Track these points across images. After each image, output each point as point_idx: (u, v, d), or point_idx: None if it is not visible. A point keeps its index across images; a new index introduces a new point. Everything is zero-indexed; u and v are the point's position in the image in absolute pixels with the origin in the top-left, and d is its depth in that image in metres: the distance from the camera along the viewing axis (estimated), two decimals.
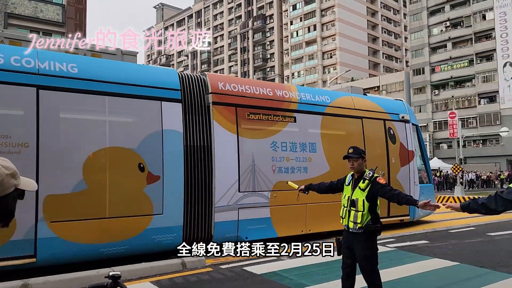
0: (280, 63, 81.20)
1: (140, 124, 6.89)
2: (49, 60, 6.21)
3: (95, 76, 6.52)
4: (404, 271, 5.97)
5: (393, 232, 9.40)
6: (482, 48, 51.74)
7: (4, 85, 5.75)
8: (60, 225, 5.98)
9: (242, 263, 6.45)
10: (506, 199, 2.93)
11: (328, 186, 4.78)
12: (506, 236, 9.08)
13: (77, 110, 6.45)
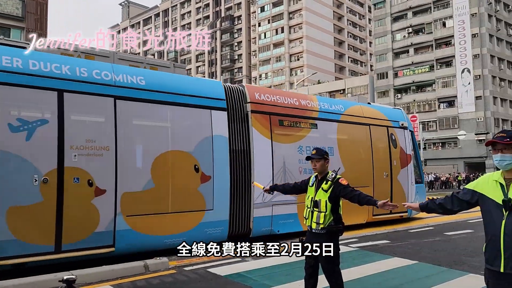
0: (248, 64, 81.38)
1: (195, 130, 7.81)
2: (123, 73, 7.07)
3: (159, 88, 7.41)
4: (366, 270, 6.10)
5: (356, 232, 9.60)
6: (442, 54, 53.77)
7: (89, 95, 6.58)
8: (134, 218, 6.81)
9: (206, 265, 6.41)
10: (461, 199, 3.04)
11: (292, 186, 4.82)
12: (462, 235, 9.45)
13: (146, 118, 7.34)
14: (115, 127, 6.75)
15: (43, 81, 6.21)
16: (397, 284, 5.46)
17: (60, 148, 6.23)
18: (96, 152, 6.54)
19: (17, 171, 5.92)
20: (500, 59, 52.83)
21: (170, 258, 6.64)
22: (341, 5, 79.14)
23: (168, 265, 6.25)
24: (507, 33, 54.56)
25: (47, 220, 6.05)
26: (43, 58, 6.41)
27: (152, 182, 7.06)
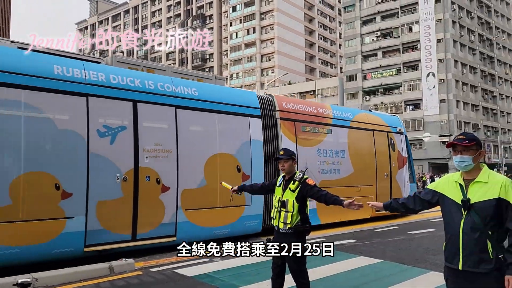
0: (219, 64, 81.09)
1: (236, 135, 8.88)
2: (180, 86, 8.13)
3: (208, 98, 8.46)
4: (332, 270, 6.18)
5: (323, 232, 9.73)
6: (408, 58, 55.28)
7: (156, 105, 7.59)
8: (191, 212, 7.82)
9: (173, 266, 6.34)
10: (422, 199, 3.12)
11: (260, 187, 4.83)
12: (425, 234, 9.74)
13: (199, 124, 8.41)
14: (176, 132, 7.82)
15: (121, 93, 7.24)
16: (361, 283, 5.57)
17: (136, 150, 7.27)
18: (162, 154, 7.61)
19: (104, 170, 6.87)
20: (463, 64, 54.83)
21: (136, 259, 6.54)
22: (312, 7, 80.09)
23: (134, 267, 6.15)
24: (470, 39, 56.69)
25: (126, 212, 7.03)
26: (120, 72, 7.47)
27: (205, 180, 8.15)
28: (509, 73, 65.78)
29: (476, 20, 58.56)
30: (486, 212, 2.68)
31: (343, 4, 63.91)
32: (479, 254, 2.69)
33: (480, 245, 2.69)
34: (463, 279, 2.77)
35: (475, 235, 2.70)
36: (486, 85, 59.55)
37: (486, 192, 2.73)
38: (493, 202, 2.68)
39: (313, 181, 4.31)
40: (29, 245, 5.98)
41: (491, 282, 2.66)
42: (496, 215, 2.68)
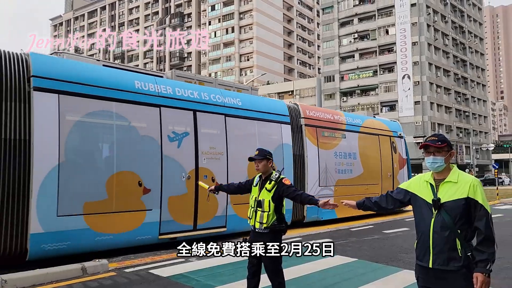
0: (197, 63, 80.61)
1: (271, 139, 10.17)
2: (228, 97, 9.38)
3: (249, 107, 9.74)
4: (307, 269, 6.23)
5: (300, 231, 9.80)
6: (385, 60, 56.25)
7: (210, 114, 8.83)
8: (237, 206, 8.87)
9: (148, 266, 6.27)
10: (395, 198, 3.17)
11: (237, 186, 4.83)
12: (399, 233, 9.93)
13: (242, 130, 9.65)
14: (226, 137, 9.07)
15: (185, 104, 8.45)
16: (336, 282, 5.64)
17: (196, 153, 8.48)
18: (215, 156, 8.84)
19: (173, 170, 8.05)
20: (437, 67, 56.15)
21: (110, 260, 6.44)
22: (291, 8, 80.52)
23: (107, 267, 6.05)
24: (444, 42, 58.10)
25: (189, 206, 8.21)
26: (182, 85, 8.71)
27: (248, 178, 8.05)
28: (480, 76, 67.72)
29: (450, 24, 60.07)
30: (455, 211, 2.75)
31: (321, 6, 64.52)
32: (448, 252, 2.75)
33: (450, 244, 2.75)
34: (433, 277, 2.82)
35: (445, 233, 2.75)
36: (459, 87, 61.16)
37: (456, 192, 2.79)
38: (462, 201, 2.75)
39: (289, 181, 4.33)
40: (119, 232, 7.14)
41: (459, 279, 2.72)
42: (465, 214, 2.75)
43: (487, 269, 2.65)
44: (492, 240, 2.70)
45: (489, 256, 2.67)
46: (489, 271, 2.66)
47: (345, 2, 60.45)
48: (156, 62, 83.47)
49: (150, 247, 7.60)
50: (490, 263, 2.67)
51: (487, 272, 2.65)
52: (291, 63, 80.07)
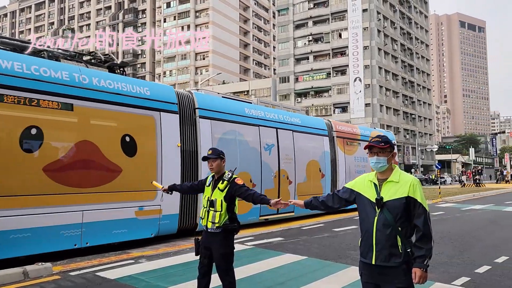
0: (151, 61, 79.00)
1: (318, 148, 13.63)
2: (293, 117, 12.96)
3: (302, 123, 13.07)
4: (259, 267, 6.29)
5: (253, 231, 9.86)
6: (337, 63, 57.74)
7: (285, 130, 12.11)
8: (301, 197, 11.85)
9: (95, 268, 6.07)
10: (341, 197, 3.26)
11: (190, 186, 4.79)
12: (348, 231, 10.23)
13: (302, 142, 12.81)
14: (293, 147, 12.37)
15: (272, 124, 11.78)
16: (286, 279, 5.72)
17: (278, 159, 11.73)
18: (288, 161, 12.11)
19: (267, 171, 11.26)
20: (387, 71, 58.38)
21: (54, 263, 6.18)
22: (247, 8, 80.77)
23: (51, 271, 5.79)
24: (393, 47, 60.49)
25: (275, 196, 10.60)
26: (269, 110, 12.08)
27: (306, 177, 12.82)
28: (426, 80, 71.14)
29: (398, 30, 62.64)
30: (397, 209, 2.87)
31: (277, 7, 65.21)
32: (390, 249, 2.86)
33: (391, 241, 2.86)
34: (375, 273, 2.93)
35: (387, 231, 2.86)
36: (407, 91, 63.93)
37: (397, 191, 2.92)
38: (403, 200, 2.87)
39: (242, 181, 4.34)
40: (241, 214, 8.18)
41: (400, 274, 2.84)
42: (405, 212, 2.87)
43: (424, 264, 2.78)
44: (430, 237, 2.83)
45: (427, 252, 2.80)
46: (427, 266, 2.79)
47: (300, 5, 61.46)
48: None
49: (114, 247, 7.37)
50: (428, 259, 2.80)
51: (424, 267, 2.78)
52: (247, 63, 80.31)
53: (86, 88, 7.29)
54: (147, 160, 8.22)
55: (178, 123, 8.96)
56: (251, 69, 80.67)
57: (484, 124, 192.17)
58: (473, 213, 15.41)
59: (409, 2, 67.08)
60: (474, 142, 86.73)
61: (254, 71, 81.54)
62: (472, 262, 6.88)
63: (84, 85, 7.28)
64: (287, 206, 4.09)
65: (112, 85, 7.78)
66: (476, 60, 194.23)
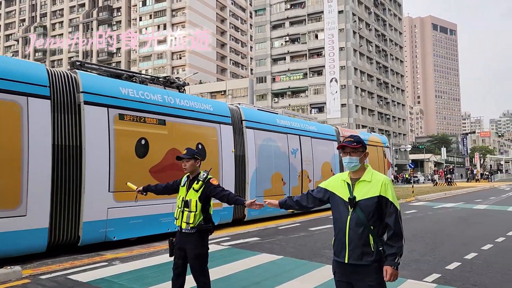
0: (127, 59, 77.83)
1: (329, 152, 15.88)
2: (312, 125, 15.50)
3: (320, 131, 15.64)
4: (235, 268, 6.29)
5: (229, 231, 9.85)
6: (314, 63, 58.25)
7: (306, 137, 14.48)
8: None
9: (66, 271, 5.93)
10: (315, 197, 3.28)
11: (164, 187, 4.75)
12: (324, 230, 10.34)
13: (318, 146, 15.15)
14: (312, 151, 14.63)
15: (296, 131, 14.02)
16: (262, 279, 5.73)
17: (301, 161, 13.91)
18: (308, 162, 14.32)
19: (294, 171, 13.54)
20: (362, 72, 59.26)
21: (24, 267, 6.01)
22: (224, 8, 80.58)
23: (21, 274, 5.62)
24: (368, 49, 61.44)
25: (299, 192, 12.81)
26: (293, 120, 14.60)
27: (321, 175, 14.78)
28: (400, 82, 72.56)
29: (373, 32, 63.67)
30: (369, 208, 2.90)
31: (254, 8, 65.28)
32: (362, 248, 2.89)
33: (363, 239, 2.89)
34: (348, 271, 2.96)
35: (359, 230, 2.90)
36: (381, 92, 65.06)
37: (369, 190, 2.95)
38: (375, 199, 2.91)
39: (217, 181, 4.32)
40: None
41: (371, 273, 2.88)
42: (377, 211, 2.91)
43: (395, 262, 2.82)
44: (400, 235, 2.87)
45: (397, 250, 2.84)
46: (397, 264, 2.83)
47: (277, 5, 61.72)
48: (82, 57, 79.26)
49: (71, 251, 7.22)
50: (398, 257, 2.84)
51: (395, 265, 2.82)
52: (224, 63, 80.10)
53: (173, 107, 9.34)
54: (213, 163, 10.02)
55: (232, 133, 11.13)
56: (228, 69, 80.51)
57: (456, 125, 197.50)
58: (444, 211, 15.82)
59: (384, 4, 68.28)
60: (446, 142, 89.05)
61: (231, 71, 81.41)
62: (443, 259, 7.05)
63: (171, 104, 9.33)
64: (262, 207, 4.09)
65: (188, 103, 9.87)
66: (448, 62, 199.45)
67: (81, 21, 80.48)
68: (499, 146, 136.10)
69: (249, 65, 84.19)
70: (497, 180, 62.74)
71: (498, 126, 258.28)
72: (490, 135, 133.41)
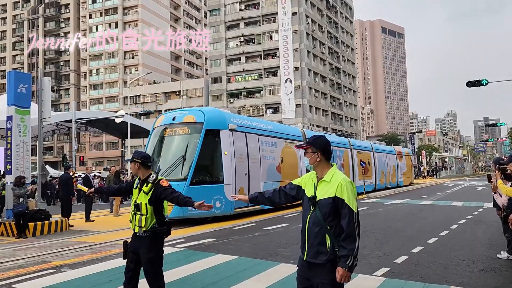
0: (76, 58, 74.98)
1: (391, 160, 31.52)
2: (373, 144, 29.78)
3: (374, 148, 28.58)
4: (189, 270, 6.23)
5: (184, 232, 9.74)
6: (269, 64, 58.76)
7: (378, 153, 29.03)
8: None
9: (11, 280, 5.64)
10: (288, 193, 3.33)
11: (117, 189, 4.66)
12: (279, 229, 10.46)
13: (380, 157, 28.83)
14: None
15: (367, 149, 27.30)
16: (217, 280, 5.72)
17: (375, 169, 27.66)
18: (381, 168, 28.92)
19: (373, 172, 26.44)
20: (315, 73, 60.48)
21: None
22: (178, 7, 79.53)
23: None
24: (321, 50, 62.81)
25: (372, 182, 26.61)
26: (362, 142, 29.66)
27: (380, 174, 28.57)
28: (352, 83, 74.75)
29: (326, 34, 65.19)
30: (325, 208, 2.95)
31: (209, 8, 64.94)
32: (318, 247, 2.95)
33: (319, 239, 2.95)
34: (306, 268, 3.03)
35: (316, 229, 2.96)
36: (334, 92, 66.73)
37: (327, 191, 3.00)
38: (330, 200, 2.95)
39: (167, 183, 4.24)
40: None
41: (325, 272, 2.93)
42: (333, 212, 2.95)
43: (346, 264, 2.82)
44: (353, 237, 2.88)
45: (349, 252, 2.84)
46: (349, 265, 2.83)
47: (232, 6, 61.74)
48: (27, 55, 75.45)
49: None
50: (351, 259, 2.84)
51: (346, 267, 2.83)
52: (178, 63, 79.04)
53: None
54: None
55: None
56: (182, 69, 79.54)
57: (404, 124, 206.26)
58: (393, 207, 16.48)
59: (336, 7, 70.08)
60: (395, 141, 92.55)
61: (185, 71, 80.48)
62: (392, 253, 7.35)
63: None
64: (211, 208, 4.09)
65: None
66: (396, 64, 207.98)
67: (26, 18, 76.61)
68: (443, 144, 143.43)
69: (204, 65, 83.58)
70: (442, 177, 66.16)
71: (442, 125, 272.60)
72: (435, 134, 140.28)
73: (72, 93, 74.47)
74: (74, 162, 27.62)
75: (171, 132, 12.66)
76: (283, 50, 57.44)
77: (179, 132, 12.53)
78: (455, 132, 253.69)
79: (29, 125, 11.60)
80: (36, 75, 52.12)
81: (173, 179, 10.84)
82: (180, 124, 12.57)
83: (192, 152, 11.83)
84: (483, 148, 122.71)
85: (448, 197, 21.39)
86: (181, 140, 12.44)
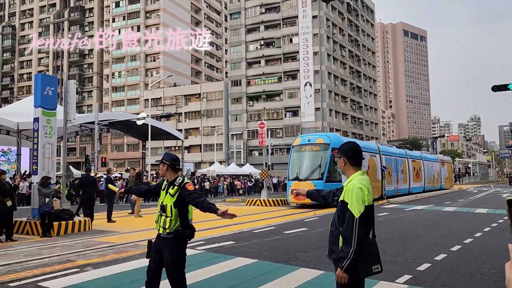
0: (99, 61, 76.44)
1: (437, 167, 37.70)
2: (423, 154, 38.24)
3: (424, 158, 35.16)
4: (210, 272, 6.26)
5: (204, 235, 9.80)
6: (288, 67, 58.70)
7: (426, 161, 34.91)
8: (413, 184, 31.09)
9: (37, 278, 5.78)
10: (336, 194, 3.46)
11: (146, 189, 4.73)
12: (298, 233, 10.42)
13: (428, 165, 35.50)
14: (424, 168, 32.97)
15: (418, 158, 33.21)
16: (237, 283, 5.74)
17: (424, 174, 33.21)
18: (428, 175, 34.72)
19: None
20: (336, 76, 60.11)
21: None
22: (199, 11, 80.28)
23: None
24: (341, 54, 62.41)
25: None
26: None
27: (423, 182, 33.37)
28: (372, 86, 73.99)
29: (347, 37, 64.75)
30: (338, 210, 3.16)
31: (229, 11, 65.33)
32: (331, 245, 3.15)
33: (334, 238, 3.14)
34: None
35: (332, 228, 3.18)
36: (354, 96, 66.16)
37: (342, 194, 3.19)
38: (340, 203, 3.15)
39: (193, 187, 4.26)
40: None
41: (335, 269, 3.10)
42: (343, 215, 3.11)
43: (342, 266, 2.97)
44: (349, 241, 2.98)
45: (344, 255, 2.98)
46: (344, 267, 2.96)
47: (252, 9, 61.98)
48: (52, 58, 77.31)
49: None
50: (346, 261, 2.95)
51: (342, 268, 2.97)
52: (198, 66, 79.73)
53: (385, 151, 26.62)
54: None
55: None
56: (202, 72, 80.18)
57: (426, 128, 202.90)
58: (415, 213, 16.21)
59: (357, 10, 69.58)
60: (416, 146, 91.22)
61: (206, 74, 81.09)
62: (414, 260, 7.23)
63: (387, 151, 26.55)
64: (234, 217, 4.11)
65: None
66: (418, 67, 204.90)
67: (52, 21, 78.54)
68: (467, 149, 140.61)
69: (224, 68, 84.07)
70: (465, 183, 64.75)
71: (466, 130, 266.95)
72: (458, 139, 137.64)
73: (95, 95, 75.92)
74: (96, 163, 28.15)
75: (308, 149, 20.05)
76: (303, 53, 57.31)
77: (314, 149, 19.85)
78: (479, 137, 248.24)
79: (55, 127, 11.88)
80: (61, 77, 53.38)
81: (314, 179, 18.62)
82: (314, 144, 20.02)
83: (324, 162, 18.97)
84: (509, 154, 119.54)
85: (472, 204, 20.92)
86: (316, 154, 19.57)
